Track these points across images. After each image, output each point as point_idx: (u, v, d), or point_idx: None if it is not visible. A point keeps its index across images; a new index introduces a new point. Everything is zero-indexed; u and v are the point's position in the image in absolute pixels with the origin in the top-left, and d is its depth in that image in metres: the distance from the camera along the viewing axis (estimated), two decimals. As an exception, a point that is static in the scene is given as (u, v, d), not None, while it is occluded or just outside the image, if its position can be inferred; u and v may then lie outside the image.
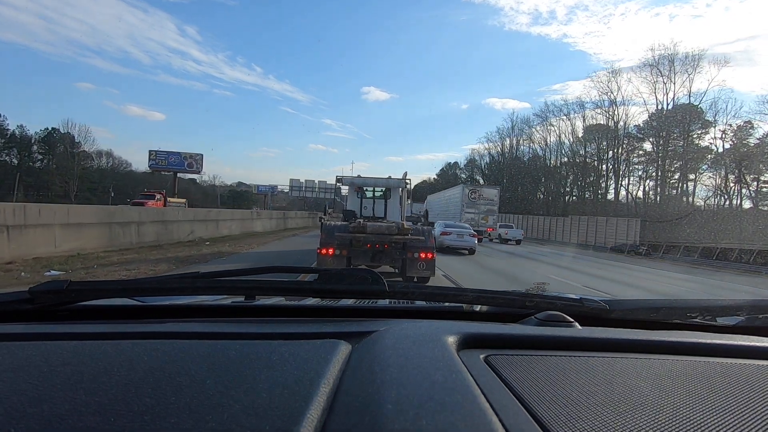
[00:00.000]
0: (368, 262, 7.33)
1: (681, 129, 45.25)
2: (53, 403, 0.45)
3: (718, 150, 43.76)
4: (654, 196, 47.87)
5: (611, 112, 51.44)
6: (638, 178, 51.60)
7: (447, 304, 1.03)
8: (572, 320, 0.85)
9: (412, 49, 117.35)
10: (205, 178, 69.03)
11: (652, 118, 48.93)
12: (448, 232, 15.90)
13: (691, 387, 0.56)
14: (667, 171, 47.29)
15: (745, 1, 68.11)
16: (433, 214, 31.63)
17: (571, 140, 56.87)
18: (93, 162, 58.97)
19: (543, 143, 61.28)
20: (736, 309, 1.08)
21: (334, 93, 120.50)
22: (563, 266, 15.18)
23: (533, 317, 0.89)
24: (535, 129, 61.80)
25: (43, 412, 0.43)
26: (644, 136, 50.43)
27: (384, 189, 10.59)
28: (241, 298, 0.98)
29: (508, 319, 0.92)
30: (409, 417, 0.41)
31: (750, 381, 0.59)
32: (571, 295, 1.02)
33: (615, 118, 51.17)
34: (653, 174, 48.94)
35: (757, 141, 39.97)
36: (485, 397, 0.47)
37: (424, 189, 59.83)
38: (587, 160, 54.91)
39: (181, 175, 42.19)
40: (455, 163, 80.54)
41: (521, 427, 0.43)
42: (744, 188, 39.62)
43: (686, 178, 45.95)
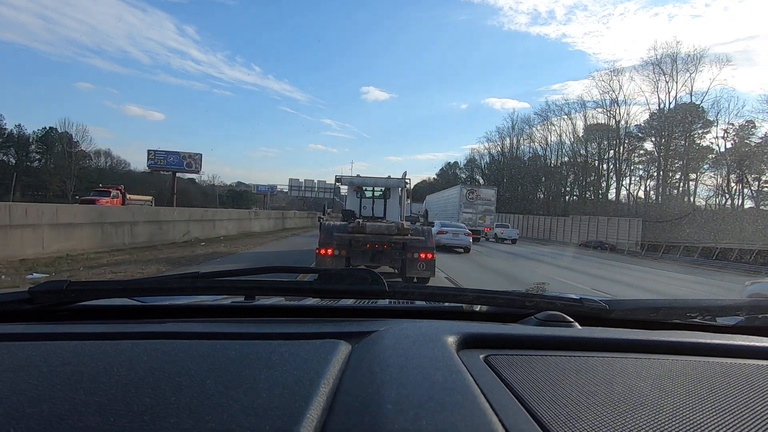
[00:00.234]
0: (367, 263, 7.24)
1: (682, 128, 45.22)
2: (53, 403, 0.45)
3: (720, 149, 43.85)
4: (655, 195, 47.86)
5: (612, 111, 51.54)
6: (639, 178, 51.72)
7: (447, 304, 1.03)
8: (572, 320, 0.85)
9: (411, 49, 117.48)
10: (204, 178, 68.96)
11: (653, 117, 48.95)
12: (445, 231, 16.55)
13: (690, 387, 0.56)
14: (669, 171, 47.27)
15: (744, 1, 68.31)
16: (432, 213, 31.69)
17: (571, 140, 57.03)
18: (91, 161, 58.71)
19: (543, 143, 61.48)
20: (735, 309, 1.08)
21: (334, 93, 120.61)
22: (563, 266, 15.20)
23: (533, 317, 0.89)
24: (536, 128, 62.02)
25: (42, 412, 0.43)
26: (645, 136, 50.44)
27: (383, 189, 10.50)
28: (241, 298, 0.98)
29: (508, 319, 0.92)
30: (409, 417, 0.41)
31: (750, 381, 0.59)
32: (571, 295, 1.02)
33: (617, 118, 51.27)
34: (654, 174, 48.98)
35: (759, 140, 39.99)
36: (485, 397, 0.47)
37: (424, 189, 59.73)
38: (588, 159, 54.87)
39: (180, 175, 41.71)
40: (455, 162, 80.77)
41: (521, 427, 0.43)
42: (746, 188, 39.65)
43: (687, 177, 45.93)
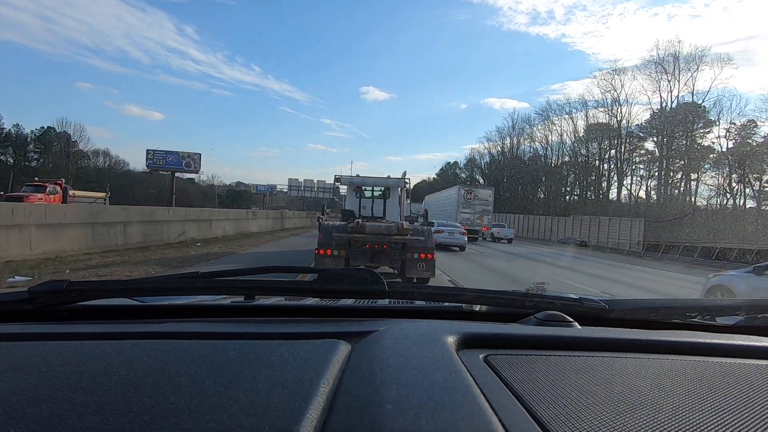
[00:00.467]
0: (367, 263, 7.17)
1: (684, 128, 45.14)
2: (52, 403, 0.45)
3: (721, 149, 43.80)
4: (656, 195, 47.82)
5: (614, 110, 51.46)
6: (640, 178, 51.66)
7: (447, 304, 1.03)
8: (572, 320, 0.85)
9: (411, 49, 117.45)
10: (203, 177, 68.60)
11: (654, 116, 48.87)
12: (441, 230, 17.22)
13: (690, 386, 0.56)
14: (670, 170, 47.22)
15: (743, 1, 68.25)
16: (431, 214, 31.69)
17: (572, 139, 56.96)
18: (90, 161, 58.61)
19: (544, 142, 61.33)
20: (735, 309, 1.08)
21: (334, 93, 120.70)
22: (563, 266, 15.20)
23: (533, 317, 0.88)
24: (536, 128, 61.88)
25: (42, 412, 0.43)
26: (646, 135, 50.37)
27: (383, 189, 10.44)
28: (241, 298, 0.98)
29: (507, 319, 0.92)
30: (409, 417, 0.41)
31: (749, 380, 0.59)
32: (571, 294, 1.02)
33: (618, 117, 51.19)
34: (655, 173, 48.93)
35: (762, 139, 39.93)
36: (485, 396, 0.47)
37: (424, 189, 59.68)
38: (589, 159, 54.81)
39: (179, 175, 41.62)
40: (455, 162, 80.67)
41: (521, 427, 0.43)
42: (747, 188, 39.61)
43: (689, 177, 45.86)
